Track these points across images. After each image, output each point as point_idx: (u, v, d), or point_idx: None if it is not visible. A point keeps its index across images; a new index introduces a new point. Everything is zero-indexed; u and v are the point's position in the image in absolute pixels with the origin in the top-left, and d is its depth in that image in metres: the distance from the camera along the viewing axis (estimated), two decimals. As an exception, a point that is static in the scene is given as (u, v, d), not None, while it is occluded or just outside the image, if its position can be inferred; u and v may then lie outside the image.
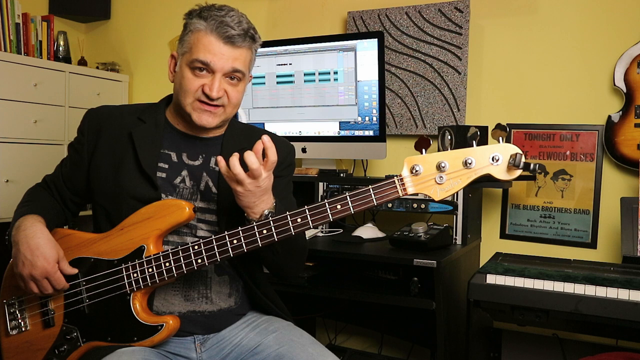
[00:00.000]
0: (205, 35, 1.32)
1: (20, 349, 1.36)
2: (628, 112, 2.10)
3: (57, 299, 1.35)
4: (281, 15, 2.83)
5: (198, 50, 1.32)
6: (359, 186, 1.24)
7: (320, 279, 2.07)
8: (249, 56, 1.38)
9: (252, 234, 1.23)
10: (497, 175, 1.15)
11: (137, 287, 1.29)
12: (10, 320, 1.38)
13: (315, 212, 1.20)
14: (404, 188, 1.17)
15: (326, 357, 1.30)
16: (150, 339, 1.29)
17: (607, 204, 2.19)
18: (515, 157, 1.12)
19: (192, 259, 1.26)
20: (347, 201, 1.19)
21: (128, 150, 1.39)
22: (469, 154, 1.15)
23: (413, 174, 1.17)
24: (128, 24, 3.28)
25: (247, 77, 1.41)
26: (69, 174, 1.47)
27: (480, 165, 1.14)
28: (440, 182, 1.16)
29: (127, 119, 1.43)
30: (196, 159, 1.42)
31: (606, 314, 1.55)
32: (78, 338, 1.32)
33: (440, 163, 1.15)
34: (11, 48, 2.77)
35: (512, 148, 1.14)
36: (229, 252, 1.24)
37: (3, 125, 2.58)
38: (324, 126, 2.42)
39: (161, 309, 1.35)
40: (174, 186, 1.39)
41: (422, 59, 2.44)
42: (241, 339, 1.39)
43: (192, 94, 1.34)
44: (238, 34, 1.32)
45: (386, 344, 2.56)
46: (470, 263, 2.16)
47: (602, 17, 2.20)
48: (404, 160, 1.17)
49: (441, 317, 1.81)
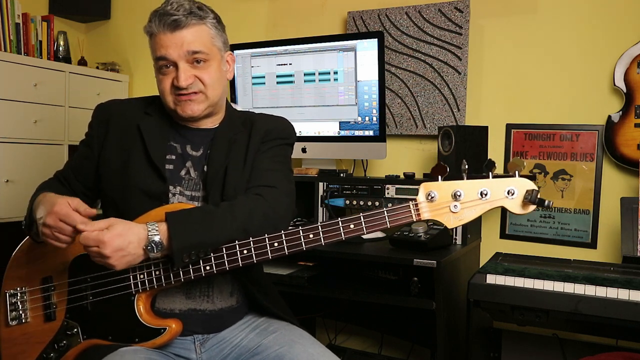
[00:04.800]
0: (155, 34, 1.35)
1: (18, 340, 1.36)
2: (628, 112, 2.10)
3: (60, 293, 1.35)
4: (281, 15, 2.83)
5: (155, 51, 1.37)
6: (372, 208, 1.25)
7: (320, 279, 2.07)
8: (205, 33, 1.36)
9: (263, 245, 1.24)
10: (511, 209, 1.17)
11: (143, 288, 1.29)
12: (10, 310, 1.37)
13: (328, 230, 1.22)
14: (418, 213, 1.20)
15: (327, 357, 1.29)
16: (152, 341, 1.29)
17: (607, 204, 2.19)
18: (532, 194, 1.13)
19: (200, 265, 1.26)
20: (361, 222, 1.21)
21: (136, 143, 1.39)
22: (485, 185, 1.17)
23: (429, 200, 1.18)
24: (128, 24, 3.28)
25: (216, 54, 1.39)
26: (79, 168, 1.47)
27: (495, 197, 1.17)
28: (454, 211, 1.18)
29: (134, 112, 1.45)
30: (198, 149, 1.43)
31: (606, 314, 1.54)
32: (79, 334, 1.32)
33: (457, 192, 1.17)
34: (11, 48, 2.77)
35: (528, 184, 1.16)
36: (239, 262, 1.25)
37: (3, 125, 2.58)
38: (324, 126, 2.42)
39: (162, 306, 1.35)
40: (180, 178, 1.39)
41: (422, 59, 2.44)
42: (241, 339, 1.38)
43: (168, 93, 1.38)
44: (179, 16, 1.32)
45: (386, 344, 2.56)
46: (470, 263, 2.16)
47: (602, 17, 2.20)
48: (421, 186, 1.19)
49: (441, 317, 1.81)
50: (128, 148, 1.40)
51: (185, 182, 1.39)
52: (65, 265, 1.35)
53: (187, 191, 1.39)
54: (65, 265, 1.35)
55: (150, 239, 1.20)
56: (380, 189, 2.18)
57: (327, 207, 2.26)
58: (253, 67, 2.50)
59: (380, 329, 2.52)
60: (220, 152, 1.40)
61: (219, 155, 1.40)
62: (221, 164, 1.38)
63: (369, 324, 2.52)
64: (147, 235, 1.20)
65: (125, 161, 1.38)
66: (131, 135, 1.41)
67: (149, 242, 1.20)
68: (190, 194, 1.39)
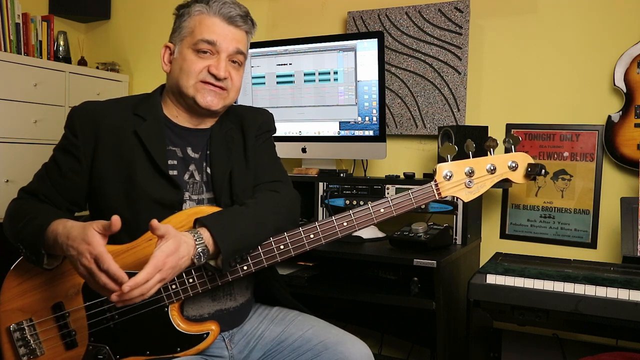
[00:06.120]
0: (208, 17, 1.33)
1: None
2: (628, 112, 2.10)
3: (77, 319, 1.26)
4: (281, 15, 2.83)
5: (202, 32, 1.32)
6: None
7: (320, 279, 2.07)
8: (247, 41, 1.40)
9: (300, 239, 1.28)
10: (515, 180, 1.36)
11: (178, 299, 1.25)
12: (19, 346, 1.27)
13: (360, 217, 1.30)
14: (439, 192, 1.32)
15: (350, 337, 1.34)
16: (196, 348, 1.27)
17: (607, 204, 2.19)
18: (531, 167, 1.34)
19: (237, 267, 1.27)
20: (390, 204, 1.31)
21: (138, 151, 1.31)
22: (491, 161, 1.34)
23: (446, 179, 1.32)
24: (128, 24, 3.28)
25: (244, 64, 1.42)
26: (64, 183, 1.32)
27: (500, 171, 1.35)
28: (469, 186, 1.33)
29: (122, 115, 1.34)
30: (198, 151, 1.39)
31: (606, 314, 1.54)
32: (110, 356, 1.25)
33: (469, 169, 1.33)
34: (11, 48, 2.77)
35: (527, 157, 1.36)
36: (277, 258, 1.28)
37: (3, 125, 2.58)
38: (324, 126, 2.42)
39: (191, 313, 1.32)
40: (185, 183, 1.35)
41: (422, 59, 2.44)
42: (262, 331, 1.40)
43: (195, 76, 1.32)
44: (240, 14, 1.34)
45: (386, 344, 2.56)
46: (470, 263, 2.16)
47: (602, 17, 2.20)
48: (437, 167, 1.32)
49: (441, 317, 1.81)
50: (128, 157, 1.30)
51: (190, 187, 1.36)
52: (77, 289, 1.27)
53: (194, 195, 1.36)
54: (76, 288, 1.27)
55: (197, 248, 1.16)
56: (380, 189, 2.18)
57: (327, 207, 2.26)
58: (253, 67, 2.50)
59: (380, 329, 2.52)
60: (220, 153, 1.39)
61: (221, 157, 1.39)
62: (225, 166, 1.38)
63: (369, 324, 2.52)
64: (194, 245, 1.16)
65: (129, 171, 1.30)
66: (129, 142, 1.31)
67: (197, 252, 1.16)
68: (197, 197, 1.36)
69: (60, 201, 1.33)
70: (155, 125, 1.35)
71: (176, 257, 1.11)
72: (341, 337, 1.33)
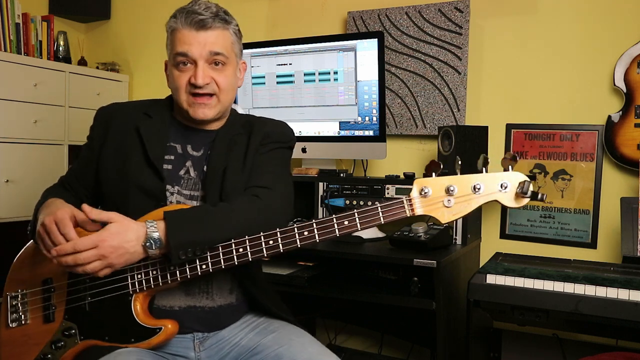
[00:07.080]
0: (178, 30, 1.37)
1: (18, 342, 1.36)
2: (628, 112, 2.10)
3: (59, 295, 1.35)
4: (281, 15, 2.83)
5: (175, 46, 1.37)
6: (366, 204, 1.24)
7: (320, 279, 2.07)
8: (227, 38, 1.40)
9: (259, 244, 1.24)
10: (504, 202, 1.18)
11: (140, 288, 1.29)
12: (11, 312, 1.38)
13: (323, 227, 1.23)
14: (412, 209, 1.20)
15: (326, 357, 1.29)
16: (148, 342, 1.29)
17: (607, 204, 2.19)
18: (524, 185, 1.15)
19: (196, 264, 1.26)
20: (355, 218, 1.22)
21: (135, 144, 1.40)
22: (478, 179, 1.18)
23: (422, 195, 1.19)
24: (128, 24, 3.28)
25: (233, 60, 1.42)
26: (81, 171, 1.48)
27: (488, 191, 1.18)
28: (448, 205, 1.18)
29: (134, 114, 1.45)
30: (199, 150, 1.44)
31: (606, 314, 1.54)
32: (76, 335, 1.32)
33: (450, 187, 1.18)
34: (11, 48, 2.77)
35: (520, 176, 1.17)
36: (234, 260, 1.25)
37: (3, 125, 2.58)
38: (324, 126, 2.42)
39: (161, 303, 1.35)
40: (179, 177, 1.40)
41: (422, 59, 2.44)
42: (240, 339, 1.39)
43: (183, 90, 1.38)
44: (206, 17, 1.35)
45: (386, 344, 2.56)
46: (470, 263, 2.16)
47: (602, 17, 2.20)
48: (414, 182, 1.20)
49: (441, 317, 1.81)
50: (127, 150, 1.41)
51: (184, 182, 1.40)
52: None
53: (186, 190, 1.40)
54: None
55: (149, 235, 1.21)
56: (380, 189, 2.18)
57: (327, 207, 2.26)
58: (253, 67, 2.50)
59: (380, 329, 2.52)
60: (220, 153, 1.41)
61: (219, 156, 1.41)
62: (220, 165, 1.39)
63: (369, 324, 2.52)
64: (145, 233, 1.22)
65: (124, 162, 1.39)
66: (130, 137, 1.42)
67: (147, 239, 1.21)
68: (189, 193, 1.40)
69: (80, 189, 1.48)
70: (159, 122, 1.44)
71: (120, 239, 1.20)
72: (315, 357, 1.28)
